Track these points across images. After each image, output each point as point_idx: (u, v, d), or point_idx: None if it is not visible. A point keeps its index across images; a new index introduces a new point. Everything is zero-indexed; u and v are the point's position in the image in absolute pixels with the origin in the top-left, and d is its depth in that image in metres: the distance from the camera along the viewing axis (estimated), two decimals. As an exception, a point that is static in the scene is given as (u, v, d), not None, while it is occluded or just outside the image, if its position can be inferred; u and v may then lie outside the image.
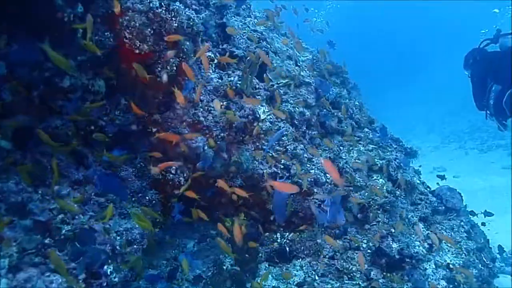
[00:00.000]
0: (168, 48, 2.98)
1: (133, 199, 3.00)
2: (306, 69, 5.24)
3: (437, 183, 6.60)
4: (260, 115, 4.00)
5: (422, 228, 4.88)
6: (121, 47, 2.77)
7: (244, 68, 3.76)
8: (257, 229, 3.84)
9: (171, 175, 3.26)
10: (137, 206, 2.94)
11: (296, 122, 4.34)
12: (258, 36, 4.97)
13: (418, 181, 5.65)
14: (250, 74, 3.82)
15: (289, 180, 3.98)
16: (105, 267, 2.40)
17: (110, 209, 2.45)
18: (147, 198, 3.08)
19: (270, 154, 4.02)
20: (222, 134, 3.58)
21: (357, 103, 6.57)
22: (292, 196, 3.91)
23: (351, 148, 5.11)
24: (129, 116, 2.97)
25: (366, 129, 6.02)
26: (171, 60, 3.01)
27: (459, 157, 14.74)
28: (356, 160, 4.88)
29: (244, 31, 5.19)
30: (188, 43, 3.27)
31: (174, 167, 3.29)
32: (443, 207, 5.50)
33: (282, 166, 4.01)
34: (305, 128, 4.42)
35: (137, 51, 2.80)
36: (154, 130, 3.19)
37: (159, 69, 2.97)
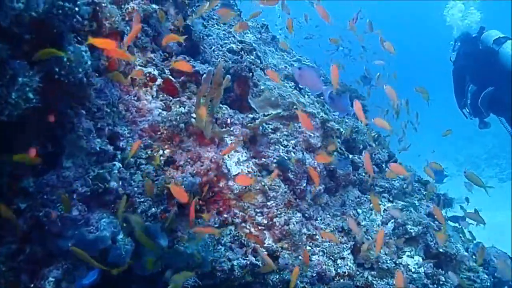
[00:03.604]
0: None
1: None
2: (309, 94, 3.55)
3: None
4: (231, 169, 2.32)
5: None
6: None
7: (200, 89, 2.09)
8: None
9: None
10: None
11: (292, 176, 2.63)
12: (242, 47, 3.31)
13: (462, 249, 3.86)
14: (211, 101, 2.15)
15: (276, 276, 2.26)
16: None
17: None
18: None
19: (248, 230, 2.32)
20: (153, 210, 1.91)
21: (374, 133, 4.87)
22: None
23: (372, 206, 3.38)
24: None
25: (387, 170, 4.31)
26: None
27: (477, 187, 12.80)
28: (381, 228, 3.15)
29: (226, 41, 3.55)
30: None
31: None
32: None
33: (264, 251, 2.30)
34: (305, 184, 2.71)
35: None
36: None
37: None
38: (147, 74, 2.20)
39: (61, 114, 1.66)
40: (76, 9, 1.47)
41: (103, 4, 1.68)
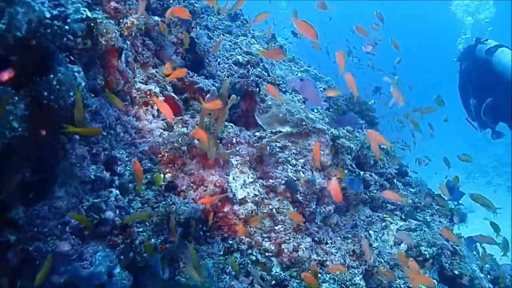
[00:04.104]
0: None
1: None
2: (318, 108, 3.39)
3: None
4: (236, 192, 2.15)
5: None
6: None
7: (203, 109, 1.94)
8: None
9: None
10: None
11: (301, 198, 2.46)
12: (249, 60, 3.16)
13: (478, 269, 3.65)
14: (215, 120, 1.99)
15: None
16: None
17: None
18: None
19: (254, 257, 2.16)
20: (153, 240, 1.75)
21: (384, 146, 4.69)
22: None
23: (384, 226, 3.20)
24: None
25: (398, 185, 4.13)
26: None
27: (487, 195, 12.51)
28: (393, 249, 2.96)
29: (232, 53, 3.40)
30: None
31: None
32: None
33: (272, 283, 2.13)
34: (314, 205, 2.53)
35: None
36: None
37: None
38: (148, 92, 2.05)
39: (52, 140, 1.51)
40: (66, 27, 1.32)
41: (98, 20, 1.53)
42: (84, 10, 1.54)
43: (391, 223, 3.26)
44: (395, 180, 3.96)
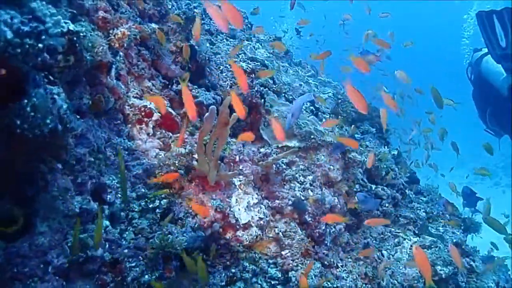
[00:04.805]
0: None
1: None
2: (327, 115, 3.18)
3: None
4: (240, 216, 1.96)
5: None
6: None
7: (201, 129, 1.74)
8: None
9: None
10: None
11: (309, 219, 2.26)
12: (253, 68, 2.95)
13: (494, 285, 3.43)
14: (217, 138, 1.80)
15: None
16: None
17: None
18: None
19: (259, 286, 1.96)
20: (146, 277, 1.56)
21: (395, 152, 4.48)
22: None
23: (397, 242, 2.99)
24: None
25: (410, 194, 3.92)
26: None
27: (495, 196, 12.23)
28: (407, 270, 2.76)
29: (236, 59, 3.20)
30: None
31: None
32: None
33: (279, 315, 1.94)
34: (324, 226, 2.33)
35: None
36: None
37: None
38: (142, 109, 1.85)
39: (31, 170, 1.33)
40: (40, 45, 1.13)
41: (81, 34, 1.34)
42: (66, 23, 1.35)
43: (404, 239, 3.05)
44: (407, 191, 3.75)
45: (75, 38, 1.35)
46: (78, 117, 1.49)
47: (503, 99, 3.36)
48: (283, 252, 2.09)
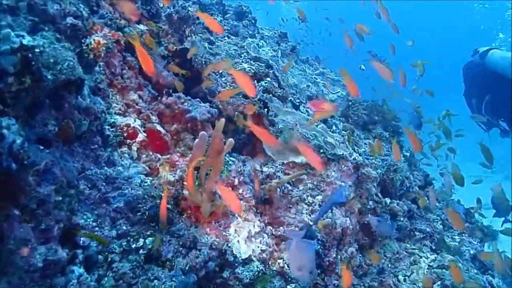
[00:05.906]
0: None
1: None
2: (338, 125, 2.89)
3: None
4: (239, 250, 1.70)
5: None
6: None
7: (191, 157, 1.47)
8: None
9: None
10: None
11: (319, 247, 2.00)
12: (256, 70, 2.66)
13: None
14: (212, 166, 1.52)
15: None
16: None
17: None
18: None
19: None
20: (126, 337, 1.32)
21: (407, 153, 4.20)
22: None
23: (413, 261, 2.72)
24: None
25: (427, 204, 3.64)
26: None
27: (506, 190, 11.87)
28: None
29: (238, 60, 2.90)
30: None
31: None
32: None
33: None
34: (335, 254, 2.07)
35: None
36: None
37: None
38: (125, 128, 1.58)
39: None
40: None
41: (36, 50, 1.06)
42: (19, 36, 1.08)
43: (421, 257, 2.78)
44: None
45: (30, 55, 1.08)
46: (42, 148, 1.23)
47: (507, 81, 3.60)
48: (288, 287, 1.83)
